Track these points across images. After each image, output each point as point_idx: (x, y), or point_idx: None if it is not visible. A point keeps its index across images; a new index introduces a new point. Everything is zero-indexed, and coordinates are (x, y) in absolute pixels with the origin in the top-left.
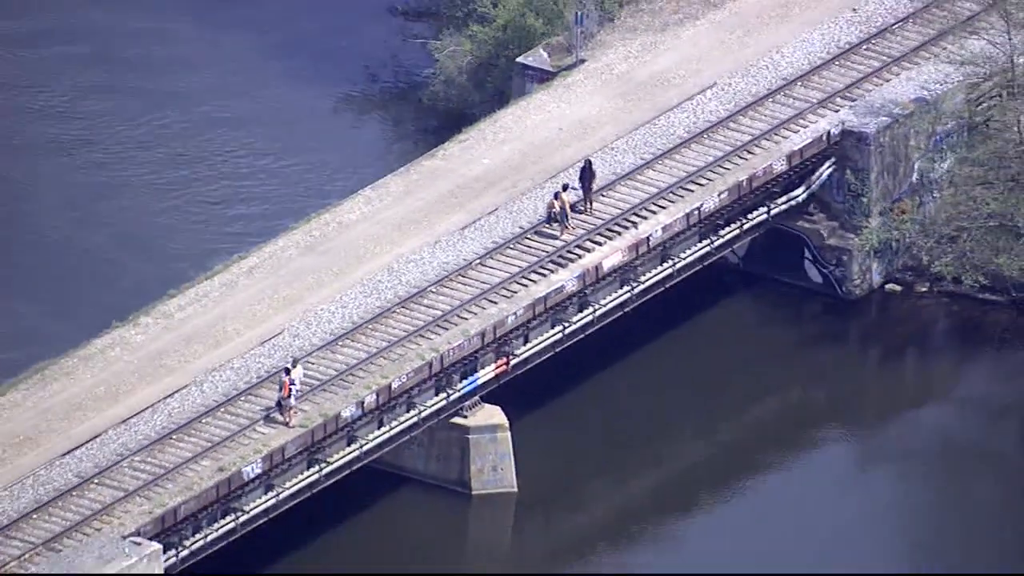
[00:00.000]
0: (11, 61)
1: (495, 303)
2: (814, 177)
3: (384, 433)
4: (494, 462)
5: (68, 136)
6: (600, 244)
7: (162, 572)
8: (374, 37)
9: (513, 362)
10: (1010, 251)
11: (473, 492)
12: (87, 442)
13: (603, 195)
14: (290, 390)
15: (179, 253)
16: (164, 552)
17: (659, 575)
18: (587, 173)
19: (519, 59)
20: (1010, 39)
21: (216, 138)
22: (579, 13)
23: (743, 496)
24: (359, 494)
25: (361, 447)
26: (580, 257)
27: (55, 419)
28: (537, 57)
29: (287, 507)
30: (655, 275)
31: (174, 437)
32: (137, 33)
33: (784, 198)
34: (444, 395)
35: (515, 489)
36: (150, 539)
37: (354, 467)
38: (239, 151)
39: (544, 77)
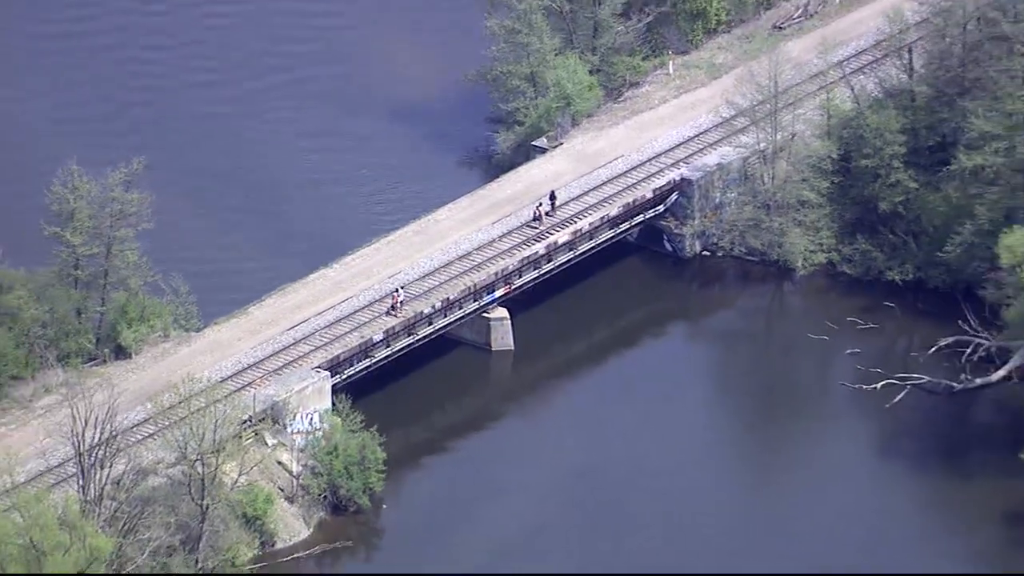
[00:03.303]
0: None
1: (504, 259)
2: (667, 200)
3: (447, 320)
4: (503, 335)
5: (298, 158)
6: (558, 231)
7: (330, 386)
8: (471, 130)
9: (513, 287)
10: (758, 237)
11: (492, 350)
12: (299, 324)
13: (562, 208)
14: (398, 300)
15: (354, 229)
16: (332, 376)
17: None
18: (553, 197)
19: (533, 143)
20: (758, 136)
21: (380, 177)
22: (559, 121)
23: (633, 357)
24: (435, 349)
25: (435, 327)
26: (548, 237)
27: (286, 312)
28: (542, 141)
29: (397, 355)
30: (587, 247)
31: (341, 321)
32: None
33: (652, 210)
34: (477, 302)
35: (513, 348)
36: (325, 370)
37: (431, 337)
38: (389, 183)
39: (543, 151)
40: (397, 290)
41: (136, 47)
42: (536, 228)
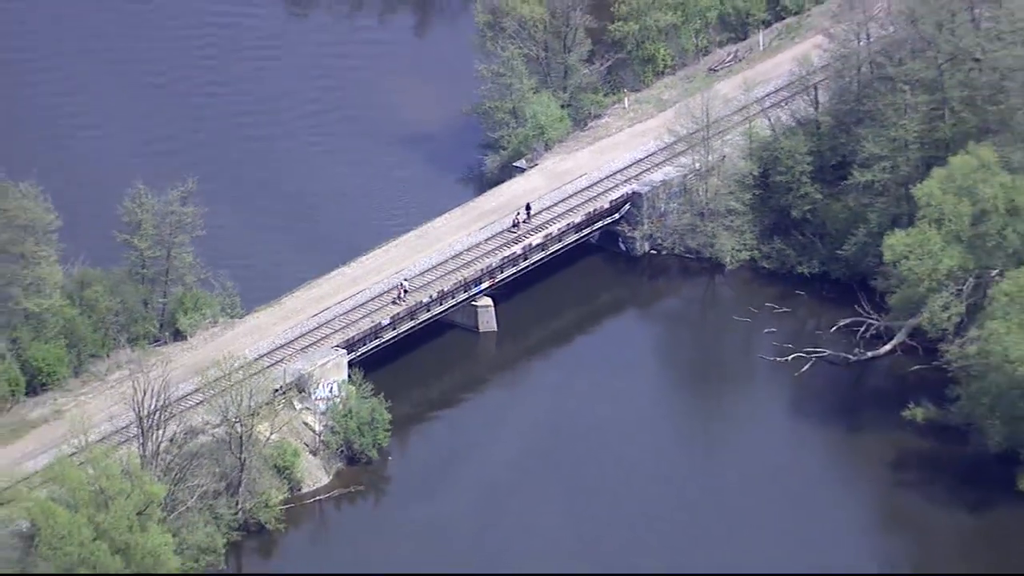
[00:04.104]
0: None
1: (488, 257)
2: (621, 210)
3: (443, 307)
4: (488, 319)
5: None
6: (533, 235)
7: (347, 362)
8: (465, 153)
9: (496, 280)
10: (695, 239)
11: (480, 331)
12: (322, 311)
13: (536, 216)
14: (402, 291)
15: (368, 234)
16: (348, 353)
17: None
18: (529, 207)
19: (514, 163)
20: (694, 157)
21: (390, 191)
22: (535, 146)
23: (595, 336)
24: (433, 331)
25: (433, 313)
26: (525, 240)
27: (312, 301)
28: (521, 163)
29: (401, 336)
30: (556, 247)
31: (356, 309)
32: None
33: (609, 218)
34: (467, 293)
35: (496, 330)
36: (343, 348)
37: (430, 321)
38: (397, 196)
39: (522, 171)
40: (402, 283)
41: (195, 91)
42: (515, 232)
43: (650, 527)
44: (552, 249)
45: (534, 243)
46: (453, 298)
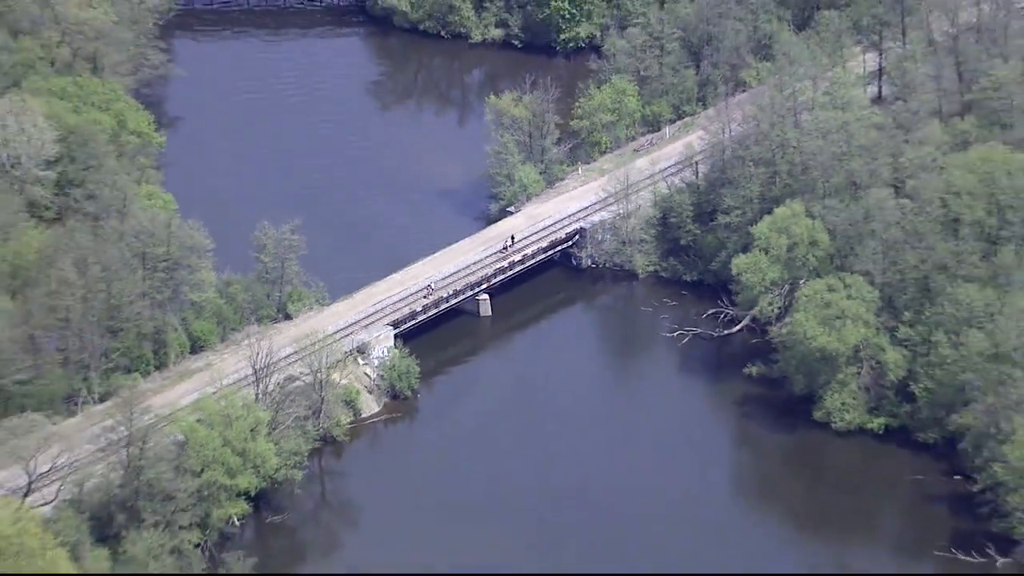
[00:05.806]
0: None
1: (486, 268)
2: (574, 239)
3: (456, 300)
4: (486, 308)
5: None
6: (515, 255)
7: (393, 335)
8: (477, 202)
9: (491, 283)
10: (620, 258)
11: (480, 316)
12: (379, 301)
13: (518, 243)
14: (431, 289)
15: (410, 253)
16: (394, 329)
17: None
18: (513, 237)
19: (507, 208)
20: (619, 207)
21: (426, 225)
22: (520, 198)
23: (553, 319)
24: (449, 315)
25: (449, 303)
26: (510, 257)
27: (371, 296)
28: (511, 208)
29: (429, 318)
30: (531, 263)
31: (400, 300)
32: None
33: (565, 244)
34: (473, 291)
35: (491, 315)
36: (390, 326)
37: (447, 308)
38: (431, 229)
39: (512, 214)
40: (430, 284)
41: (307, 160)
42: (504, 253)
43: (583, 438)
44: (528, 264)
45: (516, 259)
46: (463, 294)
